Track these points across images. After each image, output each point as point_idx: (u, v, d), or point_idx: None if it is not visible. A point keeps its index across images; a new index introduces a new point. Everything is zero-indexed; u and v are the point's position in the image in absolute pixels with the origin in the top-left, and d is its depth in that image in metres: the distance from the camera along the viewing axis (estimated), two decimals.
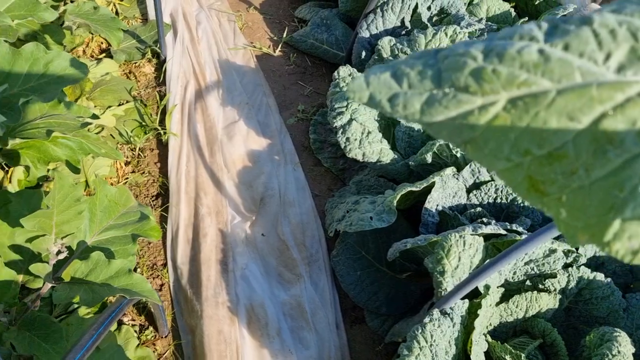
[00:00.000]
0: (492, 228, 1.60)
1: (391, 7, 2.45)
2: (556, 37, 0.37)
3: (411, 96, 0.41)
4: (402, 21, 2.51)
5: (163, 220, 2.15)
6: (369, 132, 2.05)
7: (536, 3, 2.96)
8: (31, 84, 1.23)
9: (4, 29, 1.29)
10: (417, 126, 2.15)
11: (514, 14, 2.95)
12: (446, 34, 2.26)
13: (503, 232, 1.60)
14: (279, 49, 2.87)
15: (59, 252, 1.19)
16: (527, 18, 2.67)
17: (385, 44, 2.32)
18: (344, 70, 2.15)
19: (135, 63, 2.70)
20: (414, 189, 1.80)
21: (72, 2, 2.02)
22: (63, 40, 2.18)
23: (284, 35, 2.90)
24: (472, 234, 1.57)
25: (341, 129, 2.04)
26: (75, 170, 1.55)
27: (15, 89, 1.24)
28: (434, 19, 2.71)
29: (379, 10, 2.47)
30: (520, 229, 1.68)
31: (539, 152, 0.38)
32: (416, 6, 2.51)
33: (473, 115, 0.39)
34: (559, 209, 0.39)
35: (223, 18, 3.01)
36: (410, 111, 0.41)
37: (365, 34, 2.49)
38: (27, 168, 1.53)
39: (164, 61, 2.68)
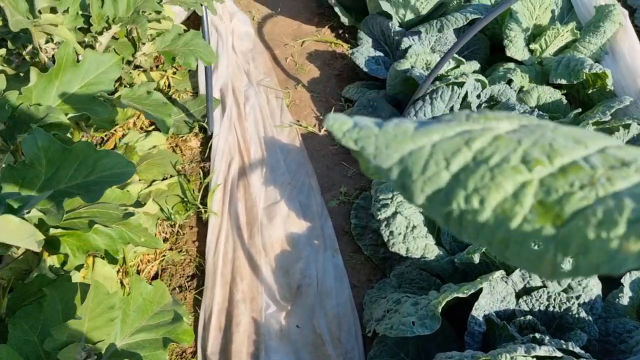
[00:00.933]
0: (547, 350, 1.47)
1: (440, 95, 2.42)
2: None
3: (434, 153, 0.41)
4: (451, 109, 2.47)
5: (196, 303, 2.10)
6: (414, 227, 1.97)
7: (589, 92, 2.88)
8: (77, 181, 1.23)
9: (56, 124, 1.31)
10: None
11: (564, 101, 2.88)
12: None
13: (558, 354, 1.47)
14: (324, 128, 2.87)
15: (86, 358, 1.15)
16: (580, 109, 2.60)
17: None
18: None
19: (182, 137, 2.74)
20: (460, 295, 1.69)
21: (129, 85, 2.07)
22: (115, 117, 2.23)
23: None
24: (524, 356, 1.44)
25: (385, 222, 1.97)
26: (113, 260, 1.53)
27: (61, 186, 1.23)
28: (483, 106, 2.67)
29: (427, 97, 2.45)
30: (577, 350, 1.54)
31: None
32: (466, 94, 2.48)
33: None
34: None
35: (271, 94, 3.05)
36: (430, 173, 0.40)
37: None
38: (65, 256, 1.52)
39: (211, 136, 2.71)
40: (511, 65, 3.00)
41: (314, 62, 3.31)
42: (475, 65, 3.00)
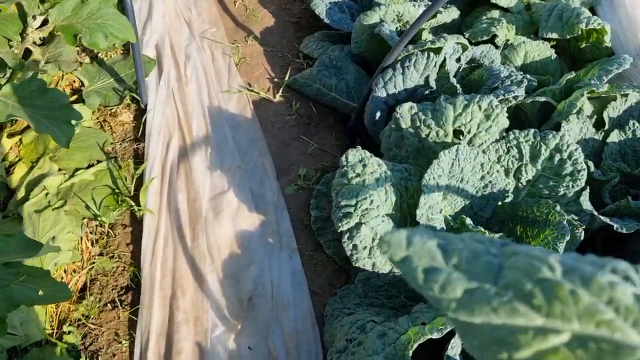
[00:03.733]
0: None
1: (414, 63, 2.04)
2: None
3: (456, 279, 0.36)
4: (427, 79, 2.10)
5: (132, 326, 1.81)
6: None
7: (582, 46, 2.52)
8: None
9: None
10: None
11: (554, 57, 2.52)
12: (480, 107, 1.86)
13: None
14: (279, 93, 2.46)
15: None
16: (573, 73, 2.25)
17: (405, 112, 1.93)
18: (354, 155, 1.76)
19: (111, 109, 2.31)
20: (433, 336, 1.44)
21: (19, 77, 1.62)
22: None
23: (287, 77, 2.49)
24: None
25: (347, 234, 1.67)
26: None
27: None
28: (464, 70, 2.30)
29: (398, 66, 2.06)
30: None
31: None
32: (444, 61, 2.10)
33: (525, 334, 0.33)
34: None
35: (217, 50, 2.60)
36: (448, 296, 0.36)
37: (381, 92, 2.09)
38: None
39: (145, 108, 2.29)
40: (495, 13, 2.59)
41: (267, 7, 2.83)
42: (454, 12, 2.59)
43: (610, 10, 2.62)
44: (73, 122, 1.40)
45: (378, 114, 2.15)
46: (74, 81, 2.36)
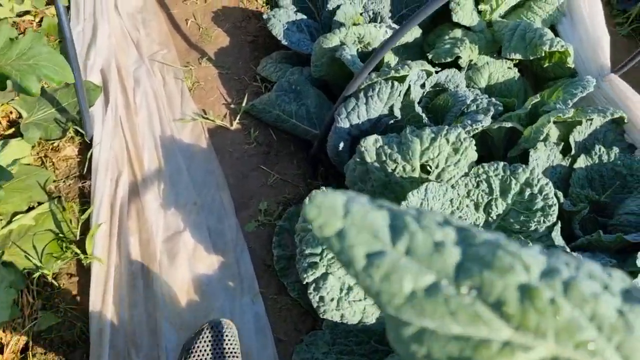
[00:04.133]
0: None
1: (377, 93, 1.94)
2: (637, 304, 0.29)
3: (405, 267, 0.30)
4: (391, 108, 2.01)
5: None
6: (349, 289, 1.57)
7: (544, 65, 2.49)
8: None
9: None
10: None
11: (518, 77, 2.48)
12: (447, 141, 1.78)
13: None
14: (237, 120, 2.33)
15: None
16: (538, 97, 2.20)
17: (370, 146, 1.83)
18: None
19: (53, 143, 2.13)
20: None
21: None
22: None
23: (244, 102, 2.36)
24: None
25: (313, 285, 1.56)
26: None
27: None
28: (428, 95, 2.22)
29: (362, 95, 1.96)
30: None
31: None
32: (408, 88, 2.01)
33: (488, 348, 0.27)
34: None
35: (169, 74, 2.44)
36: (392, 288, 0.29)
37: (344, 123, 1.99)
38: None
39: (91, 141, 2.12)
40: (458, 32, 2.53)
41: (221, 25, 2.68)
42: (416, 31, 2.51)
43: (571, 29, 2.60)
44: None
45: (341, 145, 2.04)
46: (11, 112, 2.17)
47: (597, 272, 0.31)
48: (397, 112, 2.01)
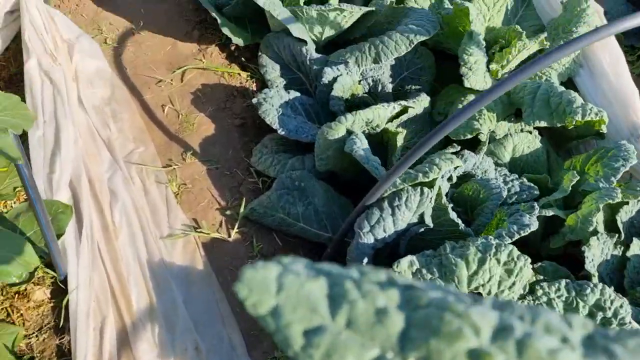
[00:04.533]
0: None
1: (405, 202, 1.65)
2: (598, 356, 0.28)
3: (346, 343, 0.29)
4: (421, 216, 1.72)
5: None
6: None
7: (569, 127, 2.22)
8: None
9: None
10: None
11: (542, 145, 2.23)
12: (499, 261, 1.49)
13: None
14: (235, 228, 2.01)
15: None
16: (576, 174, 1.95)
17: (405, 270, 1.54)
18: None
19: (19, 288, 1.77)
20: None
21: None
22: None
23: (242, 207, 2.04)
24: None
25: None
26: None
27: None
28: (453, 185, 1.94)
29: (386, 205, 1.67)
30: None
31: None
32: (439, 191, 1.72)
33: None
34: None
35: (149, 178, 2.10)
36: None
37: (368, 239, 1.69)
38: None
39: (65, 281, 1.77)
40: (470, 97, 2.25)
41: (203, 109, 2.35)
42: (424, 101, 2.24)
43: (591, 82, 2.36)
44: None
45: (365, 260, 1.74)
46: None
47: (555, 324, 0.30)
48: (428, 219, 1.71)
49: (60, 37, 2.33)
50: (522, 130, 2.32)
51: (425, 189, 1.65)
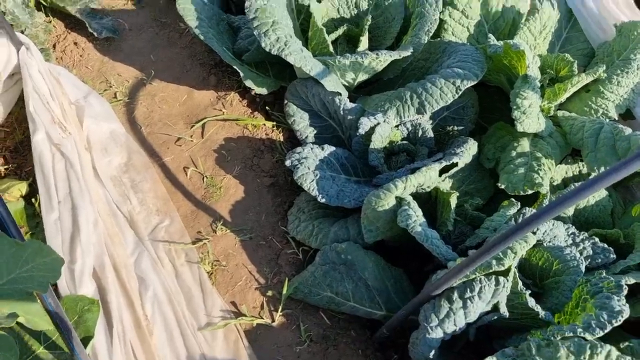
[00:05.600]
0: None
1: (478, 294, 1.46)
2: None
3: None
4: (496, 305, 1.53)
5: None
6: None
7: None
8: None
9: None
10: None
11: (607, 193, 2.03)
12: None
13: None
14: (279, 311, 1.82)
15: None
16: None
17: None
18: None
19: None
20: None
21: None
22: None
23: (285, 286, 1.85)
24: None
25: None
26: None
27: None
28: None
29: (456, 297, 1.47)
30: None
31: None
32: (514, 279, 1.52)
33: None
34: None
35: (179, 258, 1.91)
36: None
37: (436, 333, 1.50)
38: None
39: None
40: (525, 144, 2.05)
41: (229, 168, 2.15)
42: (473, 148, 2.03)
43: None
44: None
45: (432, 353, 1.56)
46: None
47: None
48: (503, 309, 1.52)
49: (67, 100, 2.12)
50: (580, 172, 2.12)
51: (501, 279, 1.45)
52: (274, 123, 2.29)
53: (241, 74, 2.08)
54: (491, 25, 2.28)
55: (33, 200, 1.99)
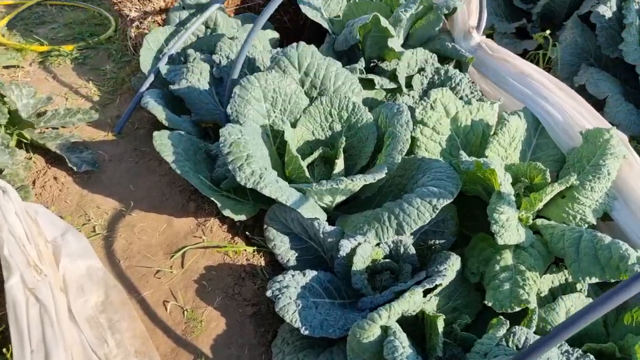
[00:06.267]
0: None
1: None
2: None
3: None
4: None
5: None
6: None
7: None
8: None
9: None
10: None
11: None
12: None
13: None
14: None
15: None
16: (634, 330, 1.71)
17: None
18: None
19: None
20: None
21: None
22: None
23: None
24: None
25: None
26: None
27: None
28: None
29: None
30: None
31: None
32: None
33: None
34: None
35: None
36: None
37: None
38: None
39: None
40: (507, 256, 2.03)
41: (210, 299, 2.10)
42: (456, 263, 2.00)
43: (630, 216, 2.17)
44: None
45: None
46: None
47: None
48: None
49: (44, 239, 2.10)
50: (567, 281, 2.09)
51: None
52: (255, 248, 2.27)
53: (218, 205, 2.08)
54: (462, 139, 2.34)
55: (5, 350, 1.90)
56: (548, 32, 3.48)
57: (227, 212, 2.11)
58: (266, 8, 2.16)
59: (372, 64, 2.92)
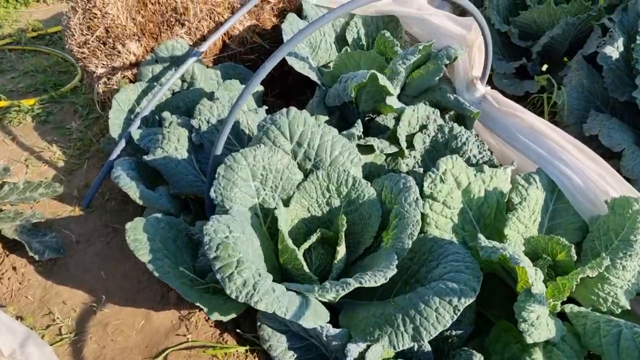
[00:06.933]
0: None
1: None
2: None
3: None
4: None
5: None
6: None
7: None
8: None
9: None
10: None
11: None
12: None
13: None
14: None
15: None
16: None
17: None
18: None
19: None
20: None
21: None
22: None
23: None
24: None
25: None
26: None
27: None
28: None
29: None
30: None
31: None
32: None
33: None
34: None
35: None
36: None
37: None
38: None
39: None
40: (536, 355, 1.78)
41: None
42: None
43: None
44: None
45: None
46: None
47: None
48: None
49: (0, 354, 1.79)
50: None
51: None
52: (247, 347, 1.99)
53: (204, 310, 1.80)
54: (475, 212, 2.10)
55: None
56: (547, 69, 3.28)
57: (215, 316, 1.82)
58: (251, 80, 1.88)
59: (367, 118, 2.67)
